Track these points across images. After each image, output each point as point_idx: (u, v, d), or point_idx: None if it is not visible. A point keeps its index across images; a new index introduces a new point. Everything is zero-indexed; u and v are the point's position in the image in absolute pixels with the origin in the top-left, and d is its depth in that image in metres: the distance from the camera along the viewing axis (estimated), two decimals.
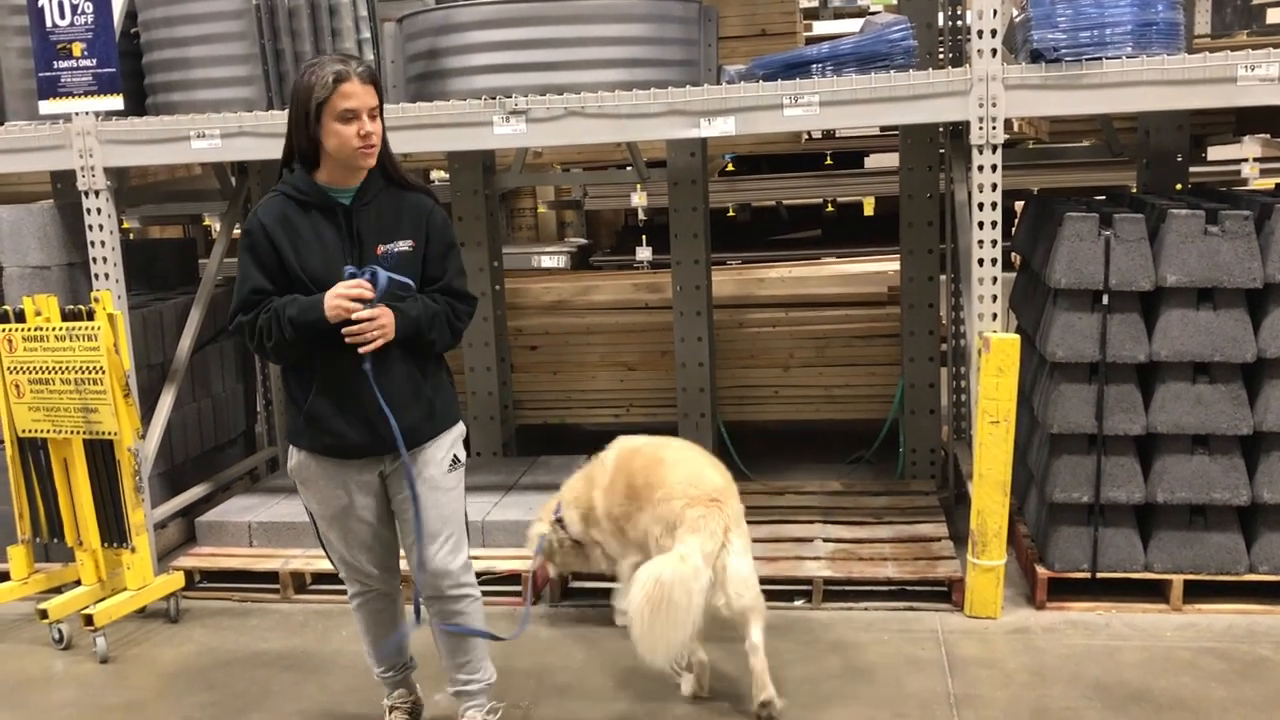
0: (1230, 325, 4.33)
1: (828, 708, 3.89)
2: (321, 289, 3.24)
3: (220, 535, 5.40)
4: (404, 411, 3.33)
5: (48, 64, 4.91)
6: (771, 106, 4.51)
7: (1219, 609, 4.45)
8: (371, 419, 3.32)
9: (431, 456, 3.43)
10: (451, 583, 3.47)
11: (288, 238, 3.29)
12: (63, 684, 4.39)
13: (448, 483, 3.46)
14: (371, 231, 3.32)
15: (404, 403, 3.34)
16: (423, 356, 3.41)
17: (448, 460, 3.46)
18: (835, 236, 9.54)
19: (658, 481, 3.84)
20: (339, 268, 3.26)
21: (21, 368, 4.66)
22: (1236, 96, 4.26)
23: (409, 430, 3.34)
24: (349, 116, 3.18)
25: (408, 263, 3.34)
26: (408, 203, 3.38)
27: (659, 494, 3.80)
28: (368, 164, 3.27)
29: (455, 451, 3.50)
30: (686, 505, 3.69)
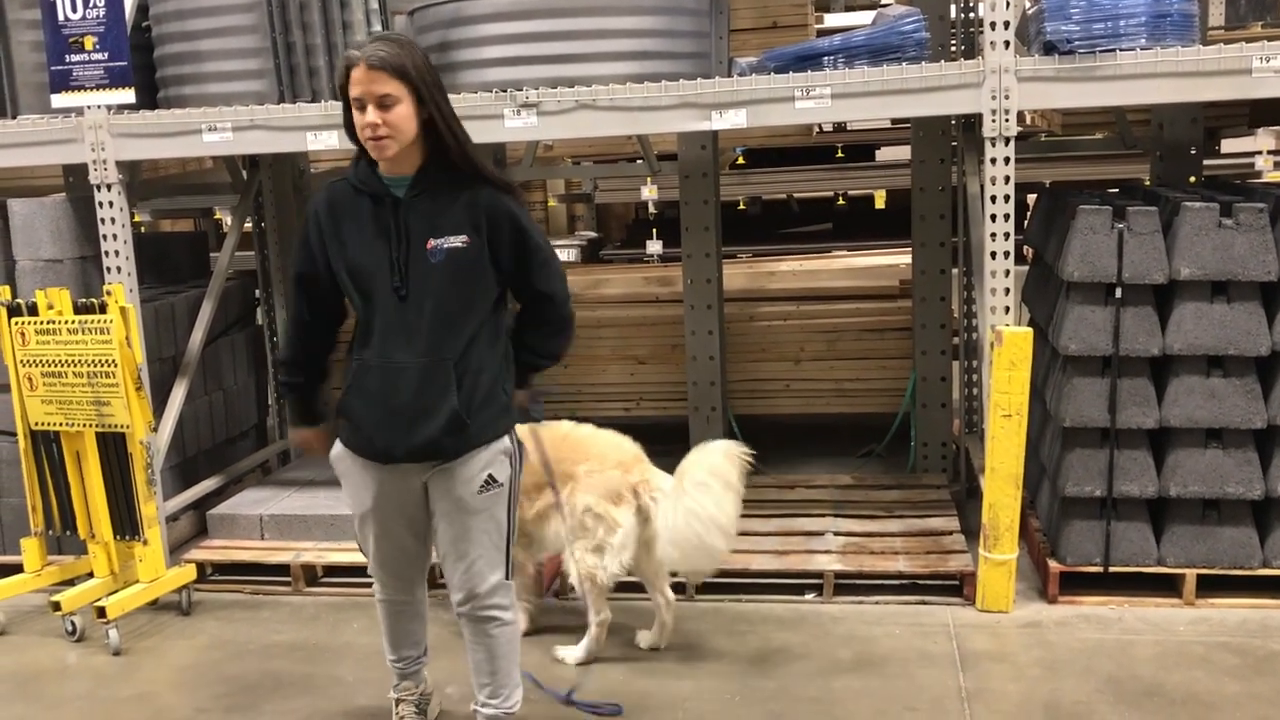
0: (1244, 318, 4.31)
1: (839, 702, 3.89)
2: (363, 280, 3.16)
3: (232, 528, 5.41)
4: (426, 422, 3.16)
5: (59, 57, 4.92)
6: (783, 99, 4.50)
7: (1232, 603, 4.44)
8: (402, 424, 3.17)
9: (461, 474, 3.23)
10: (478, 605, 3.34)
11: (332, 227, 3.20)
12: (75, 676, 4.41)
13: (477, 504, 3.25)
14: (421, 225, 3.12)
15: (425, 412, 3.16)
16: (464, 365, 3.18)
17: (479, 480, 3.23)
18: (846, 230, 9.52)
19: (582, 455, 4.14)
20: (382, 260, 3.12)
21: (34, 361, 4.68)
22: (1251, 88, 4.23)
23: (427, 444, 3.17)
24: (357, 104, 3.04)
25: (460, 259, 3.13)
26: (468, 195, 3.14)
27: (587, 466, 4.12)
28: (380, 155, 3.09)
29: (492, 471, 3.25)
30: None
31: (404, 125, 3.04)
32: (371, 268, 3.15)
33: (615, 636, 4.32)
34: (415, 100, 3.04)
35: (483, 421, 3.22)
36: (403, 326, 3.16)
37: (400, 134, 3.05)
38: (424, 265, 3.13)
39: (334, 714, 3.99)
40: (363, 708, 4.02)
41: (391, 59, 3.00)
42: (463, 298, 3.16)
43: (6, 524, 5.35)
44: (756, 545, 5.00)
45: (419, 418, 3.16)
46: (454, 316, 3.16)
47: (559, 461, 4.09)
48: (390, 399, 3.18)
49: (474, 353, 3.19)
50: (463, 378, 3.17)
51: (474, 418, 3.19)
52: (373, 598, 3.58)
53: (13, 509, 5.28)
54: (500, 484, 3.27)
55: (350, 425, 3.29)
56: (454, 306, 3.15)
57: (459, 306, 3.16)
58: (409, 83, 3.02)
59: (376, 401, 3.20)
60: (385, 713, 3.84)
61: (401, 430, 3.19)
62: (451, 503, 3.25)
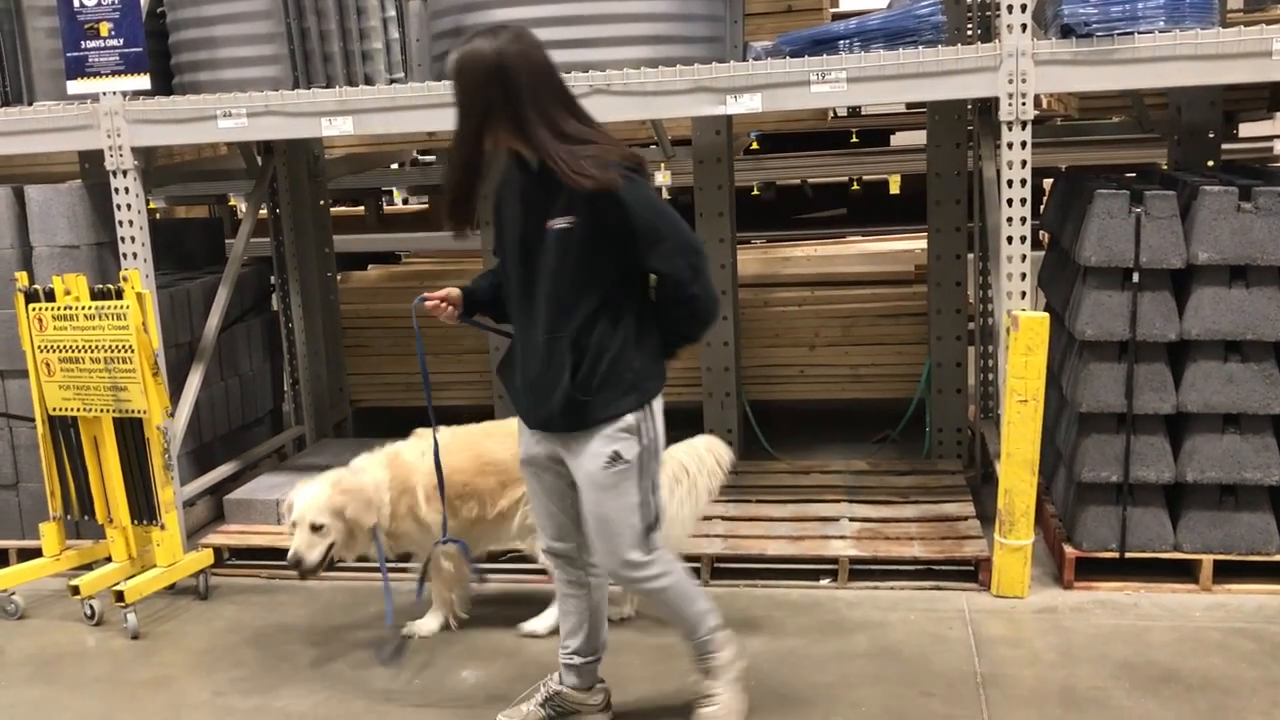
0: (1263, 303, 4.28)
1: (854, 686, 3.89)
2: (506, 249, 3.31)
3: (248, 513, 5.44)
4: (546, 397, 3.22)
5: (75, 44, 4.93)
6: (798, 83, 4.48)
7: (1249, 589, 4.42)
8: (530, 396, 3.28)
9: (587, 450, 3.25)
10: (624, 578, 3.41)
11: (498, 200, 3.35)
12: (94, 659, 4.44)
13: (605, 480, 3.24)
14: (542, 205, 3.17)
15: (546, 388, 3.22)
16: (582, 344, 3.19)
17: (604, 456, 3.22)
18: (861, 215, 9.49)
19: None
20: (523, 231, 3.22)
21: (51, 346, 4.70)
22: (1271, 71, 4.19)
23: (548, 418, 3.25)
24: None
25: (568, 241, 3.13)
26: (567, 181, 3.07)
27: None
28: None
29: (617, 448, 3.22)
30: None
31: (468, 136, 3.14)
32: (510, 240, 3.30)
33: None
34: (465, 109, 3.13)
35: (604, 400, 3.20)
36: (528, 303, 3.25)
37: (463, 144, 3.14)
38: (541, 245, 3.18)
39: (350, 698, 4.01)
40: (379, 690, 4.04)
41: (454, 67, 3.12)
42: (574, 279, 3.16)
43: (25, 509, 5.38)
44: (771, 531, 5.00)
45: (541, 392, 3.24)
46: (566, 297, 3.17)
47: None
48: (523, 372, 3.30)
49: (594, 332, 3.18)
50: (581, 357, 3.18)
51: (593, 396, 3.19)
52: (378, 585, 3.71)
53: (31, 494, 5.32)
54: (627, 461, 3.24)
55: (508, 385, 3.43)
56: (565, 287, 3.17)
57: (570, 287, 3.16)
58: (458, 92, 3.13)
59: (515, 372, 3.35)
60: (399, 696, 3.86)
61: (530, 401, 3.30)
62: (584, 476, 3.28)
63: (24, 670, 4.37)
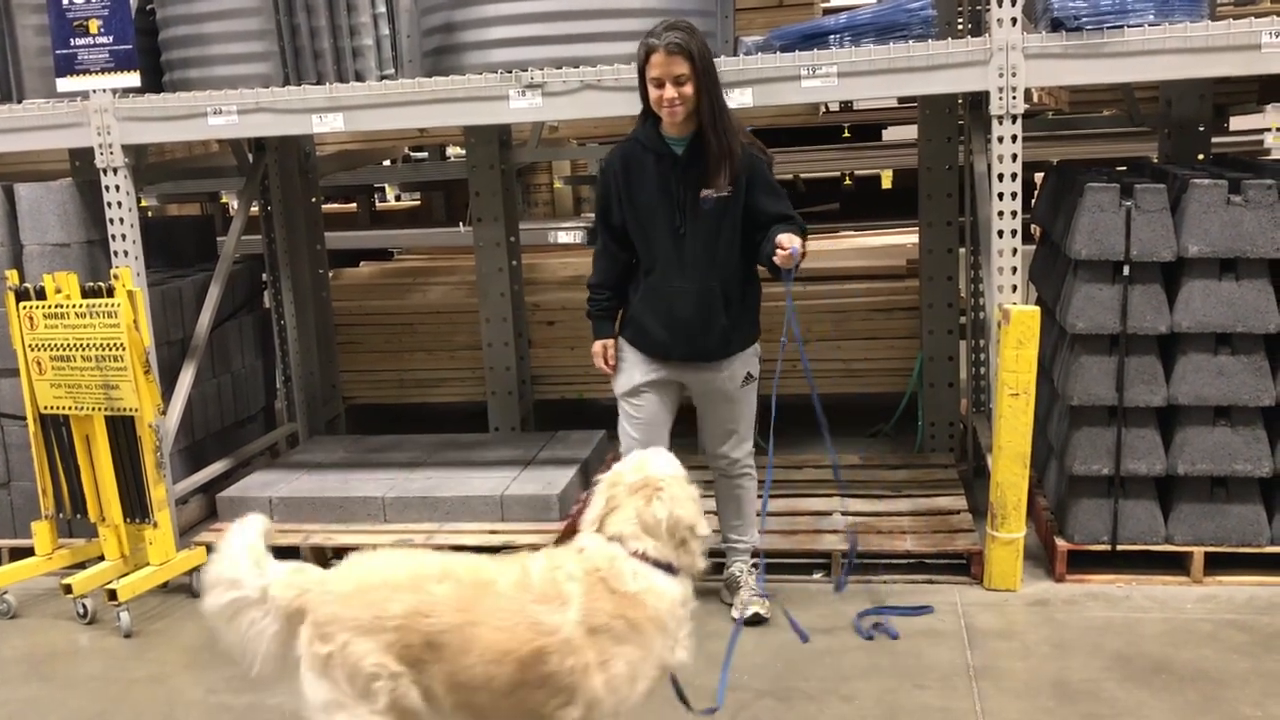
0: (1253, 296, 4.30)
1: (848, 680, 3.90)
2: (646, 217, 4.02)
3: (241, 510, 5.31)
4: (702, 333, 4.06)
5: (64, 41, 4.91)
6: (789, 78, 4.49)
7: (1240, 581, 4.44)
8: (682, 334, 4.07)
9: (725, 372, 4.16)
10: (736, 466, 4.34)
11: (625, 177, 4.05)
12: (88, 657, 4.44)
13: (740, 395, 4.20)
14: (696, 177, 3.94)
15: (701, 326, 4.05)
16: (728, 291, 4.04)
17: (740, 376, 4.17)
18: (853, 209, 9.50)
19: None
20: (664, 201, 3.97)
21: (42, 345, 4.69)
22: (1260, 64, 4.20)
23: (704, 350, 4.09)
24: (656, 82, 3.84)
25: (725, 206, 3.95)
26: (730, 154, 3.92)
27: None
28: (673, 120, 3.89)
29: (749, 369, 4.19)
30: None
31: (691, 97, 3.85)
32: (655, 210, 4.01)
33: None
34: (697, 77, 3.83)
35: (742, 334, 4.14)
36: (679, 258, 4.02)
37: (689, 103, 3.86)
38: (697, 209, 3.96)
39: None
40: None
41: (686, 45, 3.81)
42: (725, 237, 4.00)
43: (17, 507, 5.37)
44: (764, 525, 5.00)
45: (696, 330, 4.06)
46: (719, 251, 4.01)
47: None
48: (673, 314, 4.06)
49: (734, 282, 4.07)
50: (729, 300, 4.05)
51: (735, 332, 4.11)
52: None
53: (23, 492, 5.31)
54: (755, 378, 4.23)
55: (637, 329, 4.17)
56: (719, 243, 4.00)
57: (723, 243, 4.01)
58: (695, 64, 3.82)
59: (661, 315, 4.09)
60: None
61: (681, 338, 4.09)
62: (719, 394, 4.19)
63: (17, 669, 4.37)
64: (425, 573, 2.87)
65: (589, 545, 2.95)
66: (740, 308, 4.11)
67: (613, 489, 3.03)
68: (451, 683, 2.77)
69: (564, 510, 5.15)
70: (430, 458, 5.81)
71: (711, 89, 3.88)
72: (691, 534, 2.97)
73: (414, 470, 5.64)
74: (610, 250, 4.20)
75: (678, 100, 3.84)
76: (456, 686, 2.77)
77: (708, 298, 4.03)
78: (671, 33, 3.82)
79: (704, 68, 3.84)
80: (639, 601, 2.84)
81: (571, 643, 2.77)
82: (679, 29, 3.85)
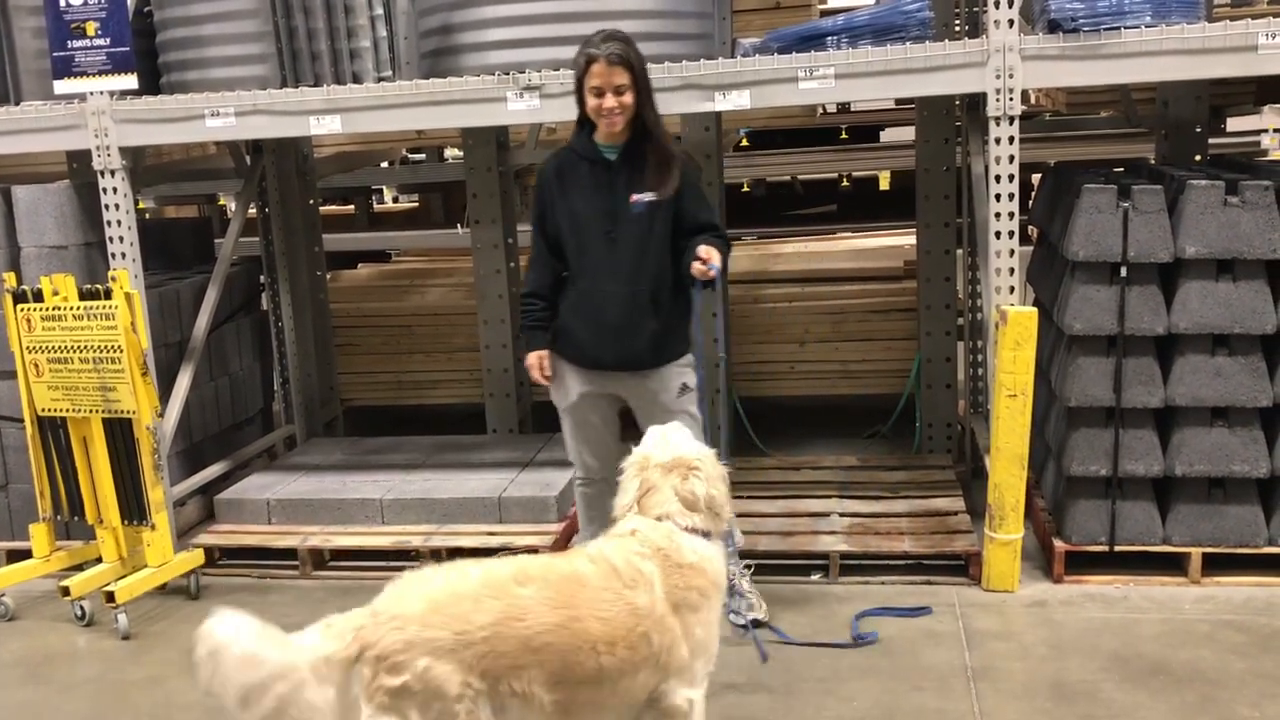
0: (1250, 297, 4.30)
1: (846, 681, 3.90)
2: (579, 223, 4.02)
3: (239, 512, 5.43)
4: (631, 338, 4.00)
5: (62, 44, 4.91)
6: (786, 79, 4.49)
7: (1238, 581, 4.44)
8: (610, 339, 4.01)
9: (659, 382, 4.07)
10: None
11: (559, 183, 4.08)
12: (85, 660, 4.43)
13: (677, 406, 4.06)
14: (628, 183, 3.98)
15: (631, 330, 4.00)
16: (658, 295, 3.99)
17: (676, 386, 4.07)
18: (851, 211, 9.51)
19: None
20: (596, 206, 3.98)
21: (40, 347, 4.69)
22: (1257, 65, 4.21)
23: (633, 356, 4.02)
24: (596, 91, 3.88)
25: (654, 210, 3.97)
26: (660, 161, 3.97)
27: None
28: (612, 129, 3.93)
29: (684, 380, 4.09)
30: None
31: (631, 106, 3.89)
32: (588, 215, 4.02)
33: None
34: (636, 87, 3.88)
35: (674, 341, 4.07)
36: (610, 262, 4.00)
37: (628, 112, 3.91)
38: (629, 213, 3.98)
39: None
40: None
41: (626, 55, 3.86)
42: (655, 241, 4.00)
43: (15, 510, 5.36)
44: (762, 526, 5.01)
45: (625, 334, 4.01)
46: (649, 255, 4.00)
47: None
48: (601, 318, 4.03)
49: (664, 287, 4.03)
50: (659, 305, 4.02)
51: (667, 337, 4.05)
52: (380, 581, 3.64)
53: (21, 495, 5.30)
54: (692, 389, 4.11)
55: (566, 339, 4.11)
56: (649, 246, 4.00)
57: (653, 247, 4.00)
58: (634, 74, 3.88)
59: (590, 320, 4.05)
60: None
61: (610, 343, 4.03)
62: (657, 407, 4.04)
63: (15, 671, 4.36)
64: (498, 579, 2.78)
65: (640, 527, 3.03)
66: (671, 313, 4.06)
67: (643, 471, 3.13)
68: (555, 682, 2.73)
69: (562, 512, 5.15)
70: (428, 459, 5.82)
71: (648, 99, 3.96)
72: (724, 509, 3.14)
73: (412, 472, 5.64)
74: (545, 258, 4.16)
75: (618, 109, 3.88)
76: (560, 684, 2.74)
77: (637, 300, 4.01)
78: (611, 43, 3.87)
79: (642, 77, 3.91)
80: (701, 570, 2.99)
81: (664, 620, 2.87)
82: (618, 39, 3.91)
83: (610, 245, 4.00)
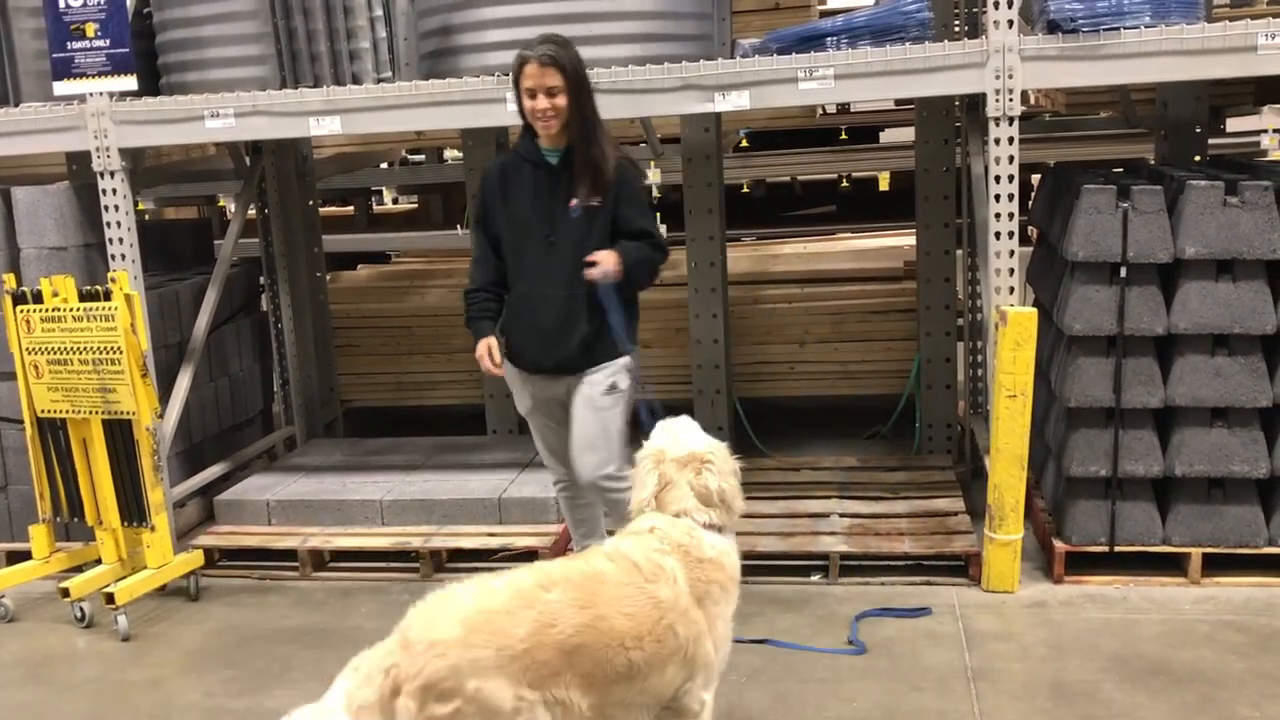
0: (1250, 297, 4.30)
1: (845, 682, 3.90)
2: (520, 226, 4.03)
3: (239, 513, 5.43)
4: (566, 340, 3.99)
5: (61, 45, 4.91)
6: (786, 80, 4.49)
7: (1238, 582, 4.44)
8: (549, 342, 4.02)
9: (592, 381, 4.03)
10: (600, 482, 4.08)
11: (502, 187, 4.09)
12: (85, 661, 4.43)
13: (604, 404, 4.04)
14: (567, 188, 3.97)
15: (566, 333, 3.99)
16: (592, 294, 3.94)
17: (605, 385, 4.03)
18: (851, 212, 9.50)
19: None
20: (537, 210, 3.99)
21: (40, 348, 4.69)
22: (1257, 65, 4.21)
23: (566, 358, 4.01)
24: (529, 93, 3.88)
25: (592, 216, 3.96)
26: (601, 165, 3.94)
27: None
28: (546, 132, 3.93)
29: (615, 380, 4.04)
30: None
31: (564, 108, 3.88)
32: (529, 219, 4.02)
33: None
34: (569, 89, 3.86)
35: (607, 344, 4.02)
36: (548, 266, 4.00)
37: (561, 114, 3.90)
38: (567, 218, 3.96)
39: None
40: None
41: (558, 57, 3.84)
42: (593, 246, 3.95)
43: (15, 511, 5.37)
44: (762, 527, 5.01)
45: (559, 338, 4.00)
46: (585, 261, 3.93)
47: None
48: (537, 322, 4.03)
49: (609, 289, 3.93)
50: (594, 309, 3.97)
51: (600, 341, 4.01)
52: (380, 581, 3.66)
53: (20, 496, 5.30)
54: (621, 391, 4.06)
55: (511, 345, 4.13)
56: (585, 251, 3.94)
57: (589, 251, 3.94)
58: (567, 76, 3.86)
59: (527, 325, 4.06)
60: None
61: (546, 347, 4.04)
62: (585, 400, 4.04)
63: (14, 673, 4.36)
64: (524, 588, 2.74)
65: (659, 524, 3.06)
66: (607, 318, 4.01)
67: (659, 465, 3.15)
68: (589, 684, 2.71)
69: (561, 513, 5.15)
70: (428, 460, 5.82)
71: (583, 101, 3.92)
72: (736, 501, 3.18)
73: (412, 473, 5.64)
74: (488, 257, 4.15)
75: (550, 111, 3.87)
76: (594, 686, 2.72)
77: (572, 304, 3.98)
78: (545, 45, 3.87)
79: (576, 80, 3.89)
80: (720, 565, 3.05)
81: (689, 614, 2.90)
82: (552, 41, 3.90)
83: (548, 249, 4.00)
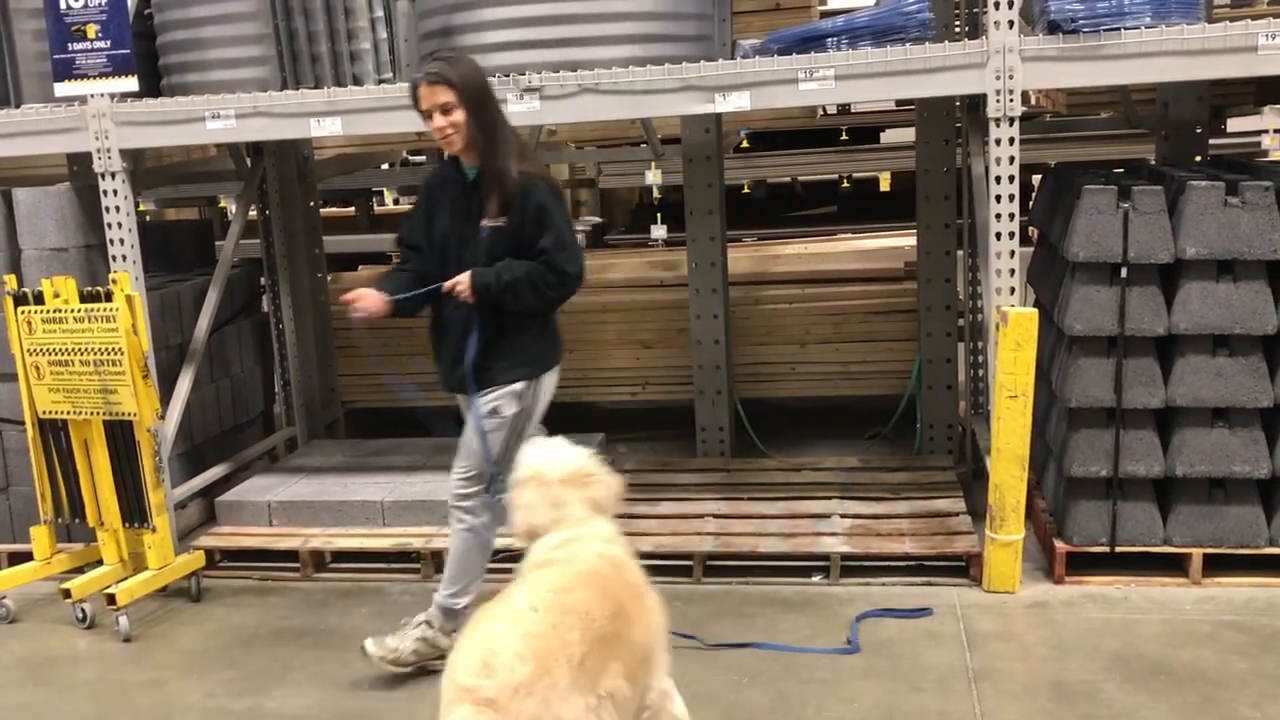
0: (1250, 297, 4.30)
1: (846, 682, 3.90)
2: (440, 244, 3.96)
3: (240, 514, 5.43)
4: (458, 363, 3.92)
5: (62, 46, 4.92)
6: (786, 81, 4.49)
7: (1239, 582, 4.44)
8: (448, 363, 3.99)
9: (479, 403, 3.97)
10: (454, 502, 4.06)
11: (431, 199, 4.04)
12: (86, 662, 4.43)
13: (484, 426, 3.96)
14: (477, 206, 3.87)
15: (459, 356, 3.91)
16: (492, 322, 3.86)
17: (487, 409, 3.94)
18: (851, 212, 9.52)
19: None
20: (453, 229, 3.92)
21: (41, 349, 4.69)
22: (1258, 66, 4.21)
23: (457, 381, 3.95)
24: (426, 115, 3.80)
25: (497, 237, 3.84)
26: (511, 184, 3.81)
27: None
28: (450, 150, 3.86)
29: (499, 404, 3.93)
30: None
31: (462, 124, 3.76)
32: (446, 236, 3.97)
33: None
34: (464, 104, 3.74)
35: (502, 369, 3.92)
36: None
37: (462, 131, 3.77)
38: (474, 239, 3.87)
39: (344, 699, 4.01)
40: (372, 692, 4.04)
41: (444, 73, 3.74)
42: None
43: (16, 512, 5.37)
44: (763, 528, 5.01)
45: (456, 359, 3.94)
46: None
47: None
48: (441, 343, 4.02)
49: (503, 315, 3.87)
50: (491, 333, 3.88)
51: (493, 365, 3.92)
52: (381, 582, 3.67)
53: (22, 497, 5.30)
54: (503, 418, 3.95)
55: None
56: None
57: None
58: (457, 90, 3.73)
59: (438, 345, 4.05)
60: (393, 696, 3.86)
61: (444, 368, 4.03)
62: (473, 418, 3.99)
63: (15, 674, 4.36)
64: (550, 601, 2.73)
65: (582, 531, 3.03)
66: (504, 343, 3.91)
67: (544, 487, 3.08)
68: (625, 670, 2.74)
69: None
70: (429, 461, 5.81)
71: (483, 115, 3.78)
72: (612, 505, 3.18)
73: (413, 474, 5.64)
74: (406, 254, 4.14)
75: (448, 128, 3.75)
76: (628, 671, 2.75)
77: (468, 327, 3.88)
78: (432, 64, 3.79)
79: (469, 93, 3.75)
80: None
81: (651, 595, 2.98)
82: (440, 59, 3.82)
83: (458, 269, 3.88)
